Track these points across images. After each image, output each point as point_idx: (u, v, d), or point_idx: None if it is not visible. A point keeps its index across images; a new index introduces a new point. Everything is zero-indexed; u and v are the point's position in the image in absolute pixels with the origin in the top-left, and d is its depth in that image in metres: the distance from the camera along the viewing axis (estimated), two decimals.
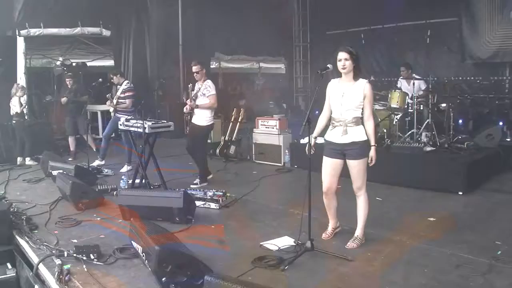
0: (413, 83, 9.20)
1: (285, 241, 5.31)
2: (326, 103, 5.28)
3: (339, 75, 5.11)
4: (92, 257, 4.74)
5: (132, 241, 4.96)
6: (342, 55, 4.97)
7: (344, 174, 5.22)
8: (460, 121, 12.34)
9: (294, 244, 5.15)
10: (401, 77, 10.05)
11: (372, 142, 5.02)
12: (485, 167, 8.13)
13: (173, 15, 14.77)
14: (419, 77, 9.69)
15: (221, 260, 4.83)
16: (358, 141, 4.97)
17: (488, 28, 13.15)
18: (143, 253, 4.57)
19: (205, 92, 7.74)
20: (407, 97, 8.92)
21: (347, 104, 4.99)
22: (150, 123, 7.39)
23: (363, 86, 4.98)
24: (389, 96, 8.95)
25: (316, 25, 17.07)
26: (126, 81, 9.46)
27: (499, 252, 4.95)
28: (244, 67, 19.39)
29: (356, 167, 5.02)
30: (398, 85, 9.86)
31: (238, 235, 5.66)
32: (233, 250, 5.17)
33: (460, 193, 7.29)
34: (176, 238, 4.93)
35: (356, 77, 5.03)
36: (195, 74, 7.82)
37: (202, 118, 7.85)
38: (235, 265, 4.70)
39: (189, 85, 7.90)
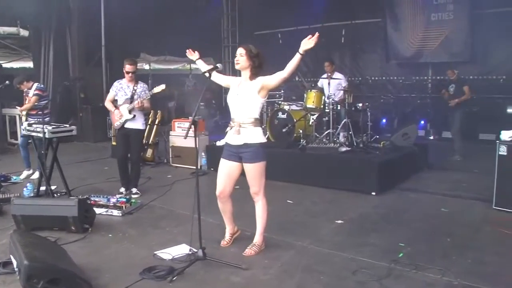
0: (328, 83, 9.06)
1: (180, 250, 4.99)
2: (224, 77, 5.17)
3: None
4: None
5: (11, 255, 4.54)
6: (238, 51, 4.78)
7: None
8: (384, 120, 12.48)
9: (190, 252, 4.85)
10: (323, 75, 9.93)
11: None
12: (401, 167, 8.10)
13: (95, 16, 14.23)
14: (339, 77, 9.58)
15: (110, 272, 4.52)
16: (252, 143, 4.70)
17: (411, 29, 13.39)
18: (17, 268, 4.17)
19: (143, 95, 7.17)
20: (323, 97, 8.80)
21: (241, 103, 4.75)
22: (50, 128, 6.93)
23: (258, 81, 4.73)
24: (305, 96, 8.81)
25: (245, 25, 16.91)
26: (36, 84, 8.91)
27: (401, 255, 4.81)
28: (174, 68, 19.01)
29: (250, 171, 4.76)
30: (319, 85, 9.73)
31: (134, 244, 5.32)
32: (125, 261, 4.84)
33: (373, 193, 7.20)
34: (60, 250, 4.60)
35: (253, 76, 4.78)
36: (130, 75, 7.12)
37: (140, 121, 7.34)
38: (123, 277, 4.37)
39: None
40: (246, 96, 4.74)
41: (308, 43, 4.43)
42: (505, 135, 6.34)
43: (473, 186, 7.67)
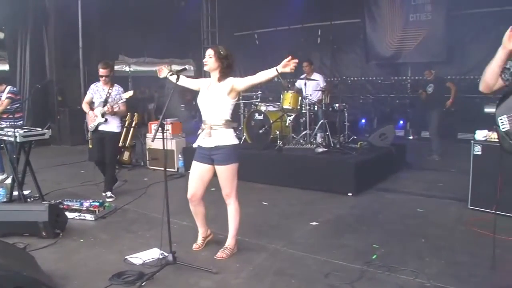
0: (305, 83, 9.01)
1: (152, 254, 4.90)
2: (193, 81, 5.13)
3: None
4: None
5: None
6: (207, 52, 4.73)
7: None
8: (363, 120, 12.50)
9: (161, 257, 4.76)
10: (301, 76, 9.88)
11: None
12: (378, 167, 8.07)
13: (73, 17, 14.04)
14: (316, 78, 9.54)
15: (78, 278, 4.41)
16: (223, 145, 4.64)
17: (389, 29, 13.42)
18: None
19: (117, 98, 7.12)
20: (300, 97, 8.76)
21: (212, 105, 4.69)
22: (22, 131, 6.81)
23: (228, 83, 4.68)
24: (282, 97, 8.76)
25: (225, 26, 16.84)
26: (10, 87, 8.75)
27: (375, 257, 4.76)
28: (155, 70, 18.83)
29: (222, 173, 4.70)
30: (297, 85, 9.69)
31: (105, 249, 5.21)
32: (95, 266, 4.73)
33: (350, 194, 7.17)
34: (27, 257, 4.48)
35: (222, 78, 4.72)
36: (104, 78, 7.11)
37: (115, 124, 7.27)
38: (91, 283, 4.29)
39: None
40: (216, 97, 4.68)
41: (286, 67, 4.31)
42: (480, 134, 6.34)
43: (449, 185, 7.68)
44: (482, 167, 6.11)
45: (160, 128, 4.56)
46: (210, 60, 4.67)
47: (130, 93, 7.09)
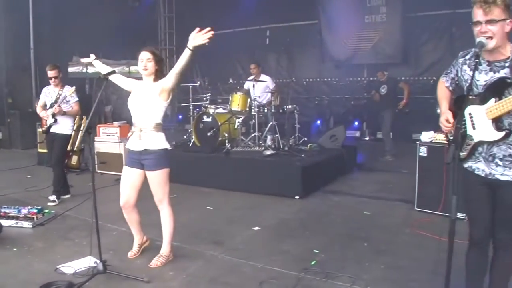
0: (253, 85, 8.90)
1: (84, 262, 4.69)
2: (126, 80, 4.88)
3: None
4: None
5: None
6: (144, 55, 4.53)
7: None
8: (319, 121, 12.48)
9: (94, 265, 4.55)
10: (249, 78, 9.78)
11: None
12: (327, 169, 8.01)
13: (23, 17, 13.65)
14: (265, 79, 9.44)
15: None
16: (153, 149, 4.49)
17: (345, 31, 13.40)
18: None
19: (68, 98, 7.07)
20: (249, 99, 8.64)
21: (143, 107, 4.54)
22: None
23: (158, 84, 4.54)
24: (230, 99, 8.62)
25: (183, 28, 16.63)
26: None
27: (313, 263, 4.65)
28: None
29: (153, 179, 4.54)
30: (245, 87, 9.58)
31: (38, 258, 4.97)
32: (24, 277, 4.49)
33: (297, 197, 7.06)
34: None
35: (157, 79, 4.58)
36: (53, 80, 7.07)
37: (66, 126, 7.23)
38: None
39: None
40: (148, 100, 4.53)
41: (197, 38, 4.18)
42: (425, 136, 6.30)
43: (399, 187, 7.65)
44: (428, 168, 6.09)
45: (87, 133, 4.36)
46: (149, 64, 4.53)
47: (71, 89, 7.06)
